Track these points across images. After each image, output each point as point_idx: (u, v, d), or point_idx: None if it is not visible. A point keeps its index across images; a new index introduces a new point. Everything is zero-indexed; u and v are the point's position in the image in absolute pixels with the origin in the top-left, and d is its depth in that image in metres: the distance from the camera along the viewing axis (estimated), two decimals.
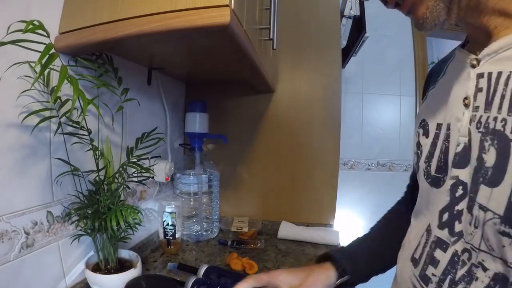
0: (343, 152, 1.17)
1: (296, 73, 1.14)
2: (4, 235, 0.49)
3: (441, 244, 0.37)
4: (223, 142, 1.12)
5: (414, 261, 0.41)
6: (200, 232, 1.02)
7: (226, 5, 0.44)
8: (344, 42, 1.33)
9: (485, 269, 0.32)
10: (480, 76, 0.34)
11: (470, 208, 0.33)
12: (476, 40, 0.38)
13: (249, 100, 1.17)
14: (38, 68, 0.47)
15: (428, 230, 0.40)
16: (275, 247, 1.00)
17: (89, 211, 0.60)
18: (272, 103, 1.16)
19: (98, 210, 0.60)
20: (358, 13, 1.21)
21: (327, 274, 0.51)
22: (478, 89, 0.34)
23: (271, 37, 0.69)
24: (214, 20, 0.44)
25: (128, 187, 0.69)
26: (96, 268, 0.63)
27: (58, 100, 0.54)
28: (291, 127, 1.15)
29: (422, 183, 0.43)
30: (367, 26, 1.19)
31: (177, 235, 0.89)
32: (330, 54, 1.13)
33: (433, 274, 0.37)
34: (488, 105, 0.32)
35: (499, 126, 0.30)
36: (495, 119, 0.31)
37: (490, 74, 0.33)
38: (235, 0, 0.45)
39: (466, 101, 0.35)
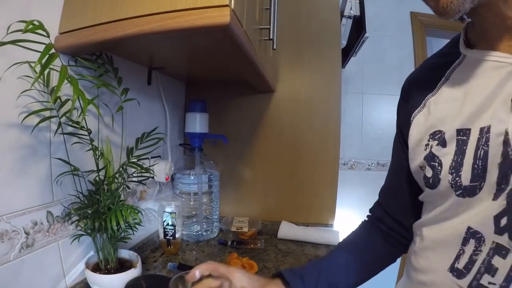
0: (343, 152, 1.17)
1: (296, 73, 1.14)
2: (4, 235, 0.49)
3: (502, 250, 0.34)
4: (223, 142, 1.12)
5: (455, 272, 0.39)
6: (200, 232, 1.02)
7: (226, 5, 0.44)
8: (344, 42, 1.33)
9: None
10: None
11: None
12: (491, 37, 0.36)
13: (249, 100, 1.17)
14: (38, 68, 0.47)
15: (478, 239, 0.37)
16: (275, 247, 1.00)
17: (89, 211, 0.60)
18: (272, 103, 1.16)
19: (98, 210, 0.60)
20: (358, 13, 1.21)
21: None
22: None
23: (271, 37, 0.69)
24: (214, 20, 0.44)
25: (128, 187, 0.69)
26: (96, 268, 0.63)
27: (58, 100, 0.54)
28: (291, 127, 1.15)
29: (445, 195, 0.40)
30: (367, 26, 1.19)
31: (177, 235, 0.89)
32: (330, 54, 1.13)
33: (490, 283, 0.35)
34: None
35: None
36: None
37: None
38: (235, 0, 0.45)
39: None
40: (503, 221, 0.34)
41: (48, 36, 0.46)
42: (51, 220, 0.58)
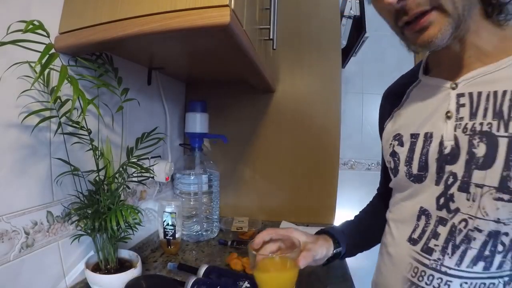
0: (343, 152, 1.17)
1: (296, 73, 1.14)
2: (4, 235, 0.49)
3: (442, 221, 0.46)
4: (223, 142, 1.12)
5: (412, 241, 0.50)
6: (200, 232, 1.02)
7: (226, 5, 0.44)
8: (344, 42, 1.33)
9: (480, 231, 0.42)
10: (460, 95, 0.45)
11: (465, 189, 0.43)
12: (445, 66, 0.49)
13: (249, 100, 1.17)
14: (38, 68, 0.47)
15: (427, 215, 0.48)
16: None
17: (89, 211, 0.60)
18: (272, 103, 1.16)
19: (98, 210, 0.60)
20: (358, 13, 1.21)
21: (329, 243, 0.61)
22: (460, 105, 0.45)
23: (271, 37, 0.69)
24: (214, 20, 0.44)
25: (128, 187, 0.69)
26: (96, 268, 0.63)
27: (58, 100, 0.54)
28: (291, 127, 1.15)
29: (403, 182, 0.53)
30: (367, 26, 1.19)
31: (177, 235, 0.89)
32: (330, 54, 1.13)
33: (435, 245, 0.46)
34: (473, 115, 0.43)
35: (486, 128, 0.42)
36: (481, 124, 0.42)
37: (470, 93, 0.44)
38: (235, 0, 0.45)
39: (449, 114, 0.46)
40: (442, 200, 0.46)
41: (48, 36, 0.46)
42: (51, 220, 0.58)
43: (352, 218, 0.73)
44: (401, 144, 0.53)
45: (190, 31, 0.47)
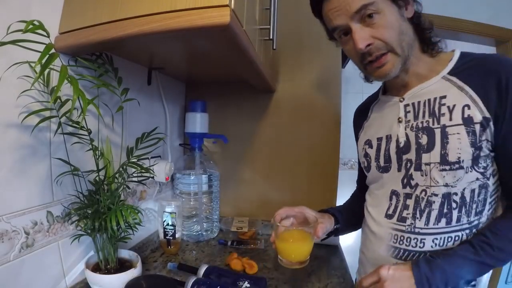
0: (343, 152, 1.16)
1: (296, 73, 1.14)
2: (4, 235, 0.49)
3: (408, 196, 0.62)
4: (223, 142, 1.12)
5: (389, 216, 0.64)
6: (200, 232, 1.02)
7: (226, 5, 0.44)
8: None
9: (436, 195, 0.58)
10: (406, 105, 0.63)
11: (418, 169, 0.60)
12: (396, 88, 0.67)
13: (249, 100, 1.17)
14: (38, 68, 0.47)
15: (396, 194, 0.64)
16: None
17: (89, 211, 0.60)
18: (272, 103, 1.16)
19: (98, 210, 0.60)
20: None
21: (331, 220, 0.75)
22: (407, 112, 0.63)
23: (271, 37, 0.69)
24: (214, 20, 0.44)
25: (128, 187, 0.69)
26: (96, 268, 0.63)
27: (58, 100, 0.54)
28: (291, 127, 1.15)
29: (375, 174, 0.69)
30: None
31: (177, 235, 0.89)
32: (330, 54, 1.13)
33: (407, 214, 0.61)
34: (416, 117, 0.61)
35: (425, 124, 0.59)
36: (422, 122, 0.60)
37: (413, 104, 0.62)
38: (235, 0, 0.45)
39: (400, 119, 0.64)
40: (405, 180, 0.62)
41: (48, 36, 0.46)
42: (51, 220, 0.58)
43: (345, 202, 0.90)
44: (371, 146, 0.70)
45: (190, 31, 0.47)
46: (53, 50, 0.46)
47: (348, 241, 0.92)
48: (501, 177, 0.57)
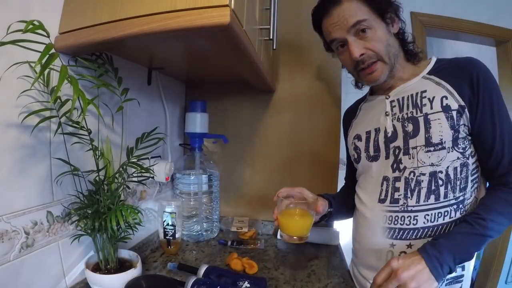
0: (343, 152, 1.16)
1: (296, 73, 1.14)
2: (4, 235, 0.49)
3: (397, 179, 0.68)
4: (223, 142, 1.12)
5: (382, 201, 0.70)
6: (200, 232, 1.02)
7: (226, 5, 0.44)
8: None
9: (424, 174, 0.65)
10: (392, 101, 0.72)
11: (406, 153, 0.67)
12: (382, 89, 0.75)
13: (249, 100, 1.17)
14: (38, 68, 0.47)
15: (387, 179, 0.70)
16: (275, 247, 1.00)
17: (89, 211, 0.60)
18: (272, 103, 1.16)
19: (98, 210, 0.60)
20: None
21: (326, 203, 0.82)
22: (393, 106, 0.71)
23: (271, 37, 0.69)
24: (214, 20, 0.44)
25: (128, 187, 0.69)
26: (96, 268, 0.63)
27: (58, 100, 0.54)
28: (291, 127, 1.15)
29: (365, 164, 0.76)
30: None
31: (177, 235, 0.89)
32: (330, 54, 1.12)
33: (399, 195, 0.67)
34: (401, 110, 0.69)
35: (410, 115, 0.67)
36: (407, 113, 0.68)
37: (398, 99, 0.71)
38: (235, 0, 0.45)
39: (387, 113, 0.72)
40: (394, 165, 0.69)
41: (48, 36, 0.46)
42: (51, 220, 0.58)
43: (338, 192, 0.96)
44: (360, 139, 0.77)
45: (190, 31, 0.47)
46: (53, 50, 0.46)
47: (348, 241, 0.91)
48: (479, 160, 0.66)
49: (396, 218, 0.67)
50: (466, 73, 0.63)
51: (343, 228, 1.13)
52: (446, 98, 0.64)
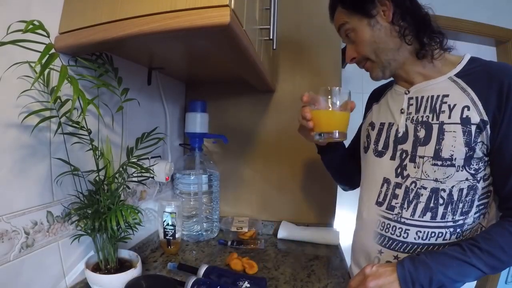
0: None
1: (296, 73, 1.14)
2: (4, 235, 0.49)
3: (399, 185, 0.65)
4: (223, 142, 1.12)
5: (379, 203, 0.68)
6: (200, 232, 1.02)
7: (226, 5, 0.44)
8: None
9: (425, 188, 0.61)
10: (410, 98, 0.67)
11: (413, 160, 0.63)
12: (403, 81, 0.70)
13: (249, 100, 1.17)
14: (38, 68, 0.47)
15: (388, 182, 0.67)
16: (275, 247, 1.00)
17: (89, 211, 0.60)
18: (272, 103, 1.16)
19: (98, 210, 0.60)
20: None
21: None
22: (410, 104, 0.67)
23: (271, 37, 0.69)
24: (214, 20, 0.44)
25: (128, 187, 0.69)
26: (96, 268, 0.63)
27: (58, 100, 0.54)
28: (291, 127, 1.15)
29: (370, 157, 0.73)
30: None
31: (177, 235, 0.89)
32: (330, 54, 1.13)
33: (396, 203, 0.65)
34: (417, 111, 0.65)
35: (425, 119, 0.63)
36: (422, 116, 0.63)
37: (417, 97, 0.66)
38: (235, 0, 0.45)
39: (402, 110, 0.67)
40: (398, 170, 0.65)
41: (48, 36, 0.46)
42: (51, 220, 0.58)
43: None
44: (373, 128, 0.74)
45: (190, 31, 0.47)
46: (53, 50, 0.46)
47: (348, 241, 0.91)
48: (494, 186, 0.59)
49: (388, 226, 0.65)
50: (496, 82, 0.55)
51: (343, 228, 1.13)
52: (468, 108, 0.57)
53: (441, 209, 0.59)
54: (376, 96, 0.80)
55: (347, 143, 0.89)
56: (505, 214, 0.58)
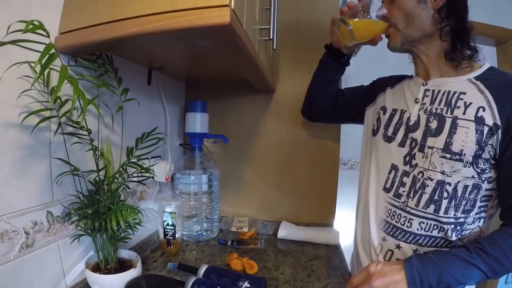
0: (343, 152, 1.17)
1: (296, 73, 1.14)
2: (4, 235, 0.49)
3: (407, 173, 0.66)
4: (223, 142, 1.12)
5: (386, 190, 0.70)
6: (200, 232, 1.02)
7: (226, 5, 0.44)
8: None
9: (431, 179, 0.62)
10: (427, 90, 0.68)
11: (421, 150, 0.64)
12: (421, 73, 0.71)
13: (249, 100, 1.17)
14: (38, 68, 0.47)
15: (396, 169, 0.69)
16: (275, 247, 1.00)
17: (89, 211, 0.60)
18: (272, 103, 1.16)
19: (98, 210, 0.60)
20: None
21: None
22: (425, 95, 0.68)
23: (271, 37, 0.69)
24: (214, 20, 0.44)
25: (128, 187, 0.69)
26: (96, 268, 0.63)
27: (58, 100, 0.54)
28: (291, 127, 1.15)
29: (379, 141, 0.74)
30: None
31: (177, 235, 0.89)
32: None
33: (403, 191, 0.66)
34: (432, 103, 0.66)
35: (439, 111, 0.63)
36: (436, 109, 0.64)
37: (433, 90, 0.67)
38: (235, 0, 0.45)
39: (417, 100, 0.69)
40: (407, 158, 0.67)
41: (48, 36, 0.46)
42: (51, 220, 0.58)
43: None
44: (384, 113, 0.75)
45: (190, 31, 0.47)
46: (53, 50, 0.45)
47: (348, 241, 0.92)
48: (500, 193, 0.60)
49: (394, 213, 0.66)
50: None
51: (343, 228, 1.13)
52: (484, 109, 0.57)
53: (444, 203, 0.60)
54: (392, 81, 0.81)
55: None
56: (508, 221, 0.58)
